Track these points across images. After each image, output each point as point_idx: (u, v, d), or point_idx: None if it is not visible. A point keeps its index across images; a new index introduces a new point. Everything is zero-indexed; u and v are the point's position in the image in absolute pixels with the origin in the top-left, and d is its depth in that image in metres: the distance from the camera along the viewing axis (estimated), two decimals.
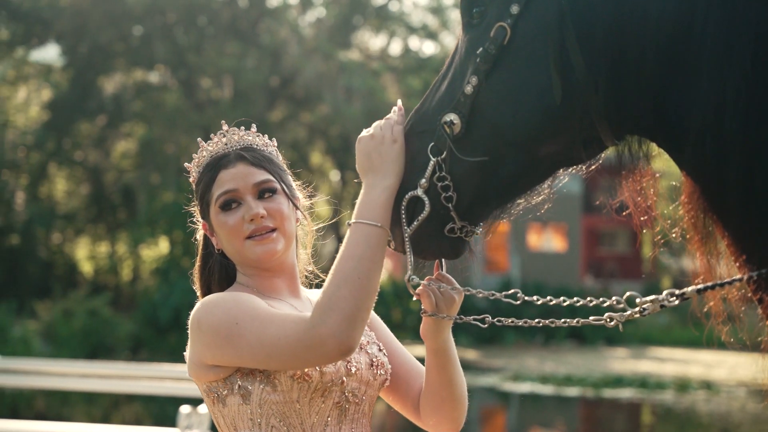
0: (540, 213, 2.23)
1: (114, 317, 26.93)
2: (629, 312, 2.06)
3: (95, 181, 33.54)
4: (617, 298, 2.10)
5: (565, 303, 2.20)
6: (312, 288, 2.62)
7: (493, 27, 2.04)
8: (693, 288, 1.96)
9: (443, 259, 2.34)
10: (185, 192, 2.58)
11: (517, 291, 2.20)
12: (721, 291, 1.96)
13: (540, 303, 2.22)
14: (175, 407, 5.97)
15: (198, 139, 2.54)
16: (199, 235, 2.57)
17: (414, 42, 35.09)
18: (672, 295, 1.98)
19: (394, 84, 31.04)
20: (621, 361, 26.67)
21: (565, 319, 2.18)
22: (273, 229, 2.40)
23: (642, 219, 2.12)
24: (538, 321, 2.22)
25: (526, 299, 2.22)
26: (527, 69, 2.01)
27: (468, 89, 2.07)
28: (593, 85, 1.95)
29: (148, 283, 31.12)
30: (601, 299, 2.15)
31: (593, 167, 2.16)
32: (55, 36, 31.71)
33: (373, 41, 35.54)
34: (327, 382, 2.30)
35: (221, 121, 2.56)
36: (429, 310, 2.35)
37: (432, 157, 2.12)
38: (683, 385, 20.76)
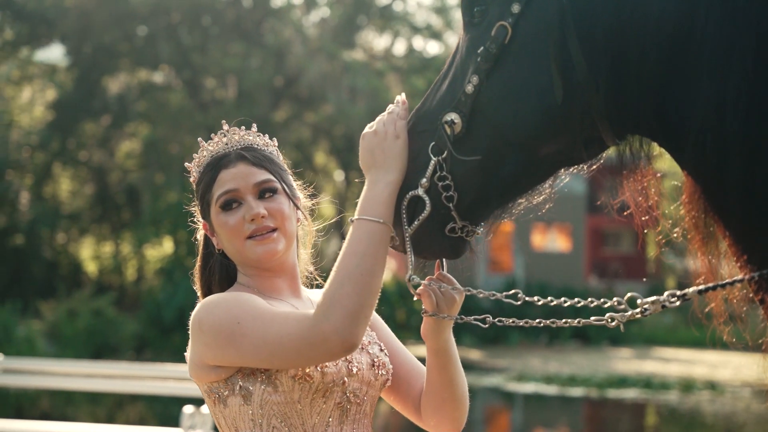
0: (544, 213, 2.22)
1: (118, 317, 26.94)
2: (630, 312, 2.06)
3: (99, 181, 33.58)
4: (618, 299, 2.10)
5: (566, 304, 2.19)
6: (313, 288, 2.62)
7: (494, 26, 2.04)
8: (694, 289, 1.95)
9: (444, 259, 2.34)
10: (189, 192, 2.58)
11: (518, 291, 2.20)
12: (723, 292, 1.96)
13: (541, 303, 2.22)
14: (179, 407, 5.97)
15: (198, 139, 2.53)
16: (200, 235, 2.56)
17: (418, 42, 35.14)
18: (673, 296, 1.98)
19: (398, 84, 31.01)
20: (625, 362, 26.64)
21: (566, 320, 2.18)
22: (274, 229, 2.40)
23: (643, 219, 2.11)
24: (539, 321, 2.21)
25: (526, 299, 2.22)
26: (528, 68, 2.01)
27: (469, 89, 2.06)
28: (594, 85, 1.95)
29: (152, 283, 31.15)
30: (602, 300, 2.15)
31: (594, 167, 2.16)
32: (60, 36, 31.76)
33: (377, 41, 35.55)
34: (328, 382, 2.29)
35: (222, 121, 2.55)
36: (430, 310, 2.35)
37: (433, 157, 2.12)
38: (688, 386, 20.74)
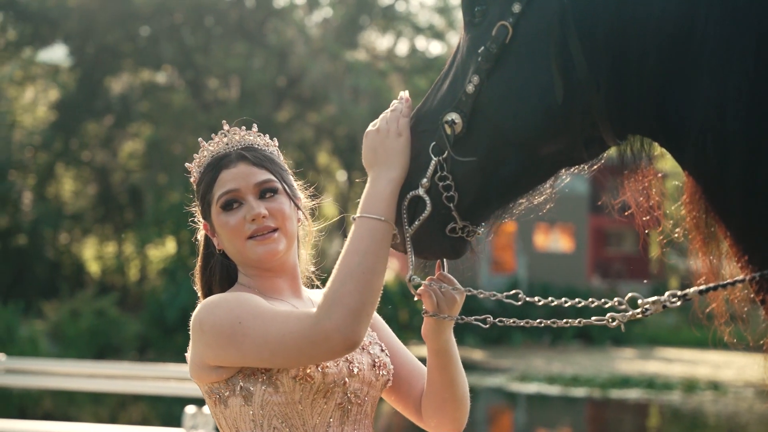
0: (547, 213, 2.22)
1: (121, 317, 26.94)
2: (631, 312, 2.06)
3: (102, 182, 33.58)
4: (619, 299, 2.10)
5: (567, 304, 2.19)
6: (313, 288, 2.61)
7: (495, 26, 2.03)
8: (695, 289, 1.95)
9: (445, 259, 2.33)
10: (191, 192, 2.58)
11: (519, 291, 2.19)
12: (724, 292, 1.95)
13: (541, 304, 2.21)
14: (182, 407, 5.97)
15: (199, 139, 2.53)
16: (200, 236, 2.56)
17: (421, 42, 35.16)
18: (674, 296, 1.98)
19: (400, 84, 31.00)
20: (628, 362, 26.63)
21: (567, 320, 2.17)
22: (275, 229, 2.39)
23: (645, 219, 2.11)
24: (539, 321, 2.21)
25: (527, 300, 2.21)
26: (529, 68, 2.00)
27: (469, 88, 2.06)
28: (595, 85, 1.94)
29: (155, 284, 31.14)
30: (603, 300, 2.14)
31: (595, 167, 2.15)
32: (63, 36, 31.77)
33: (380, 41, 35.54)
34: (329, 383, 2.29)
35: (222, 121, 2.55)
36: (430, 310, 2.35)
37: (433, 157, 2.12)
38: (691, 386, 20.72)
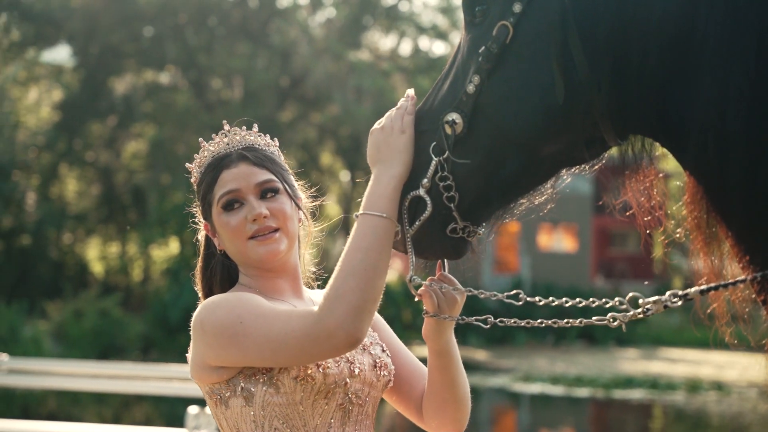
0: (550, 213, 2.22)
1: (124, 317, 26.96)
2: (632, 312, 2.05)
3: (106, 182, 33.59)
4: (620, 299, 2.09)
5: (568, 304, 2.18)
6: (314, 289, 2.61)
7: (496, 26, 2.03)
8: (696, 289, 1.95)
9: (445, 260, 2.33)
10: (193, 193, 2.57)
11: (519, 291, 2.19)
12: (725, 292, 1.95)
13: (542, 304, 2.21)
14: (185, 407, 5.96)
15: (199, 140, 2.53)
16: (201, 236, 2.56)
17: (424, 42, 35.06)
18: (675, 296, 1.97)
19: (404, 84, 30.99)
20: (632, 362, 26.61)
21: (568, 320, 2.17)
22: (276, 229, 2.39)
23: (646, 219, 2.10)
24: (540, 321, 2.20)
25: (528, 300, 2.21)
26: (530, 68, 2.00)
27: (470, 88, 2.05)
28: (596, 85, 1.94)
29: (158, 284, 31.15)
30: (604, 300, 2.14)
31: (596, 167, 2.15)
32: (66, 37, 31.79)
33: (383, 41, 35.54)
34: (330, 383, 2.29)
35: (223, 121, 2.55)
36: (431, 310, 2.34)
37: (434, 157, 2.11)
38: (694, 386, 20.70)
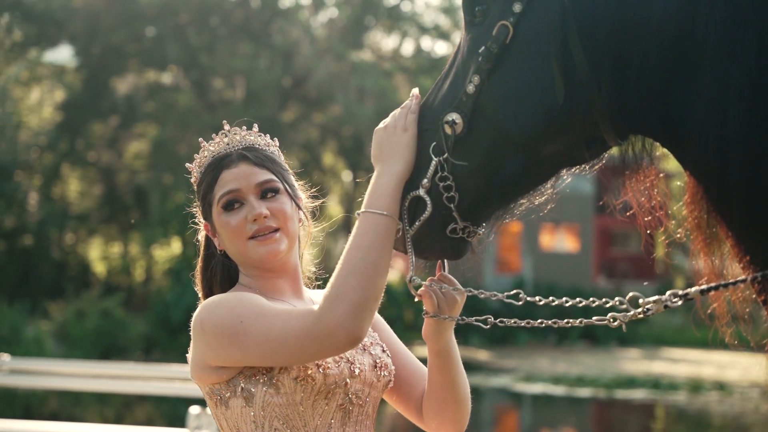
0: (552, 213, 2.21)
1: (127, 318, 26.95)
2: (632, 312, 2.05)
3: (108, 182, 33.60)
4: (620, 298, 2.09)
5: (568, 304, 2.18)
6: (314, 289, 2.61)
7: (496, 25, 2.03)
8: (696, 288, 1.94)
9: (445, 260, 2.33)
10: (193, 193, 2.58)
11: (519, 291, 2.19)
12: (726, 292, 1.95)
13: (542, 303, 2.21)
14: (187, 408, 5.96)
15: (199, 140, 2.53)
16: (201, 236, 2.56)
17: (426, 42, 35.05)
18: (675, 296, 1.97)
19: (406, 84, 30.98)
20: (634, 362, 26.59)
21: (568, 320, 2.16)
22: (276, 229, 2.38)
23: (647, 220, 2.10)
24: (540, 321, 2.20)
25: (528, 300, 2.21)
26: (530, 68, 1.99)
27: (470, 88, 2.05)
28: (596, 85, 1.94)
29: (160, 284, 31.14)
30: (604, 300, 2.14)
31: (596, 167, 2.15)
32: (68, 37, 31.80)
33: (386, 41, 35.51)
34: (330, 384, 2.28)
35: (223, 121, 2.54)
36: (431, 311, 2.34)
37: (434, 157, 2.11)
38: (696, 386, 20.69)
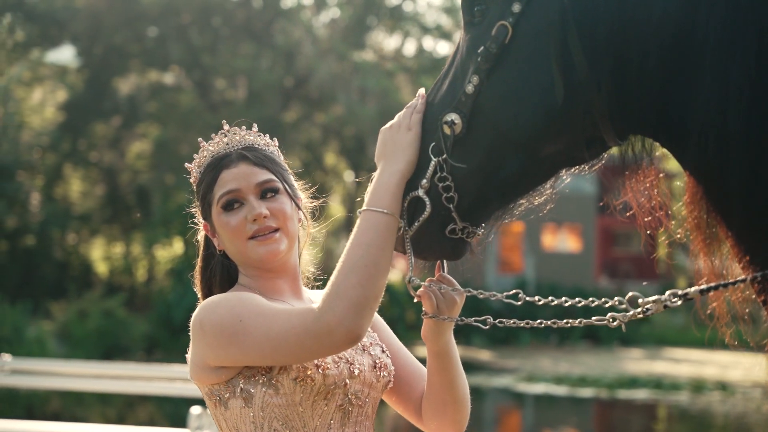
0: (553, 213, 2.21)
1: (128, 318, 26.96)
2: (632, 312, 2.05)
3: (110, 182, 33.63)
4: (620, 298, 2.08)
5: (567, 303, 2.18)
6: (314, 289, 2.60)
7: (495, 26, 2.02)
8: (696, 288, 1.94)
9: (444, 260, 2.32)
10: (193, 193, 2.57)
11: (519, 291, 2.18)
12: (726, 292, 1.94)
13: (541, 303, 2.20)
14: (189, 408, 5.96)
15: (199, 140, 2.52)
16: (200, 236, 2.56)
17: (428, 42, 35.10)
18: (675, 296, 1.97)
19: (408, 84, 30.99)
20: (636, 362, 26.58)
21: (568, 320, 2.16)
22: (276, 230, 2.38)
23: (647, 220, 2.10)
24: (539, 321, 2.19)
25: (527, 300, 2.20)
26: (529, 68, 1.99)
27: (469, 89, 2.05)
28: (596, 85, 1.93)
29: (162, 284, 31.15)
30: (604, 300, 2.13)
31: (596, 167, 2.14)
32: (71, 37, 31.82)
33: (387, 42, 35.50)
34: (330, 384, 2.28)
35: (222, 121, 2.54)
36: (430, 311, 2.33)
37: (433, 158, 2.11)
38: (698, 386, 20.68)
